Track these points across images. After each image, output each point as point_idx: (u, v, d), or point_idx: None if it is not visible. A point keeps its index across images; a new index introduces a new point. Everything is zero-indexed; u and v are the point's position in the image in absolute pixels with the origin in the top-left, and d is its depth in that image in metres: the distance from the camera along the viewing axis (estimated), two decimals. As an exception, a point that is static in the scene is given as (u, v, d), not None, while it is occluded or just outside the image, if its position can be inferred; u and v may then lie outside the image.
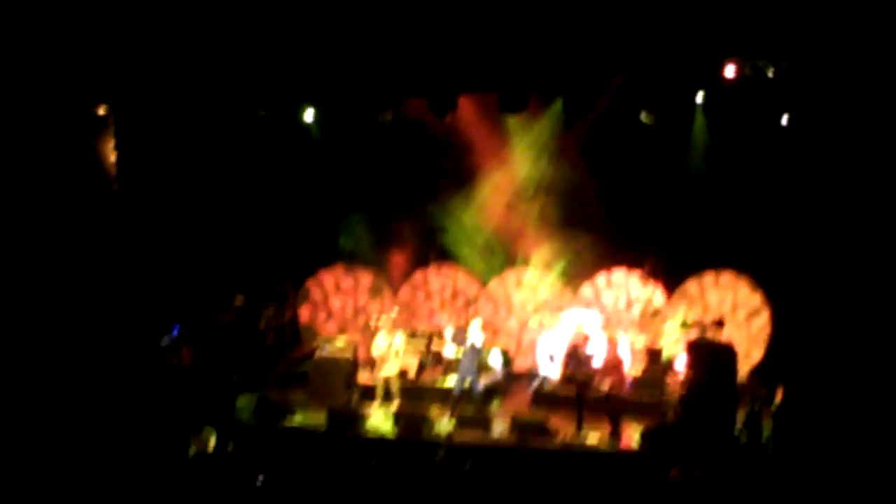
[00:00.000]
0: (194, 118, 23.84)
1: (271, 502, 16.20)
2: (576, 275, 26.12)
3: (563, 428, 21.15)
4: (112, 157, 22.81)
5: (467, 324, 24.38)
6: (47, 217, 21.26)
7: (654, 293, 25.24)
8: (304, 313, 27.62)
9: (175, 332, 24.01)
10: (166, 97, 22.38)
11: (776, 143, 22.65)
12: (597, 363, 22.35)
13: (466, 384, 22.28)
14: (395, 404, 22.99)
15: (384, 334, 23.39)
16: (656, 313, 24.38)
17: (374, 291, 27.25)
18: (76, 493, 16.57)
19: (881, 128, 19.50)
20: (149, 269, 23.69)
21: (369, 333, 24.52)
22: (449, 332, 22.94)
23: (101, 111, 22.62)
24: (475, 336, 22.29)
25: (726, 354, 20.16)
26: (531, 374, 24.70)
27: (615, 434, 20.58)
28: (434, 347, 25.09)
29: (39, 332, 20.75)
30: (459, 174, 26.49)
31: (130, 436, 19.32)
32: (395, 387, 23.26)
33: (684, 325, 23.13)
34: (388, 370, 23.21)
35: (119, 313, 22.56)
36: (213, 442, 19.14)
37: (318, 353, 24.23)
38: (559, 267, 26.07)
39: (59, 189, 21.51)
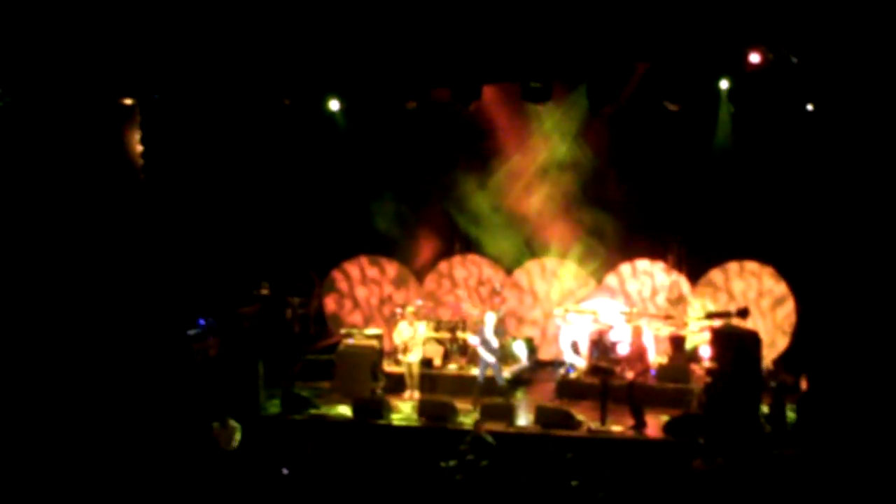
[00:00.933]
0: (220, 108, 23.89)
1: (297, 493, 16.24)
2: (601, 264, 26.11)
3: (587, 417, 21.15)
4: (138, 148, 22.84)
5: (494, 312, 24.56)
6: (75, 208, 21.33)
7: (679, 282, 25.17)
8: (330, 303, 27.71)
9: (201, 324, 24.13)
10: (192, 88, 22.43)
11: (801, 131, 22.56)
12: (621, 352, 22.35)
13: (489, 373, 22.36)
14: (416, 393, 23.08)
15: (407, 323, 23.47)
16: (681, 302, 24.33)
17: (400, 281, 27.31)
18: (103, 483, 16.65)
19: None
20: (175, 260, 23.75)
21: (394, 323, 24.59)
22: (490, 322, 22.84)
23: (128, 102, 22.66)
24: (489, 330, 22.33)
25: (751, 343, 20.08)
26: (556, 364, 24.75)
27: (639, 423, 20.57)
28: (459, 336, 25.07)
29: (67, 323, 20.85)
30: (484, 163, 26.53)
31: (157, 427, 19.41)
32: (416, 375, 23.35)
33: (709, 313, 23.07)
34: (411, 358, 23.32)
35: (146, 305, 22.61)
36: (238, 434, 19.26)
37: (344, 343, 24.27)
38: (584, 256, 26.05)
39: (86, 180, 21.57)
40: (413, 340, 23.39)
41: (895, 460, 17.15)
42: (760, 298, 24.89)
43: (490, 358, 22.36)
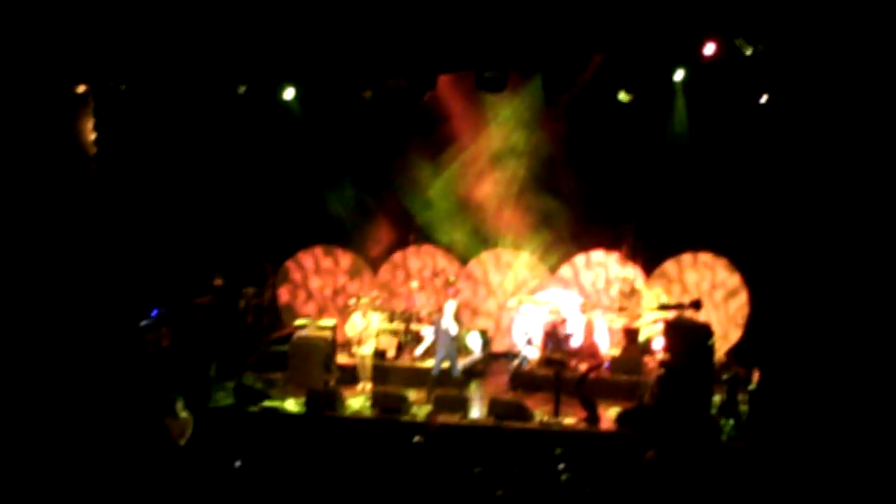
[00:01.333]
0: (174, 97, 23.73)
1: (249, 485, 16.16)
2: (555, 255, 26.13)
3: (540, 409, 21.16)
4: (91, 136, 22.68)
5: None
6: (26, 197, 21.16)
7: (633, 273, 25.21)
8: (284, 294, 27.63)
9: (154, 314, 23.98)
10: (146, 75, 22.26)
11: (755, 123, 22.65)
12: (575, 344, 22.37)
13: (445, 365, 22.35)
14: (368, 385, 23.03)
15: (360, 314, 23.42)
16: (634, 293, 24.37)
17: (354, 272, 27.26)
18: (52, 475, 16.52)
19: (860, 108, 19.52)
20: (128, 250, 23.60)
21: (348, 314, 24.54)
22: (450, 310, 22.77)
23: (81, 90, 22.48)
24: (448, 319, 22.30)
25: (704, 335, 20.15)
26: (510, 356, 24.76)
27: (592, 415, 20.59)
28: (413, 328, 25.04)
29: (15, 314, 20.68)
30: (439, 153, 26.48)
31: (109, 419, 19.28)
32: (369, 367, 23.30)
33: (662, 305, 23.12)
34: (364, 350, 23.26)
35: (98, 295, 22.46)
36: (190, 426, 19.14)
37: (298, 334, 24.19)
38: (538, 248, 26.07)
39: (37, 168, 21.40)
40: (366, 332, 23.33)
41: (845, 452, 17.26)
42: (714, 290, 25.00)
43: (447, 349, 22.31)
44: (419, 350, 23.38)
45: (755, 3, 18.91)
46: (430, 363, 23.16)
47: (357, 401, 22.33)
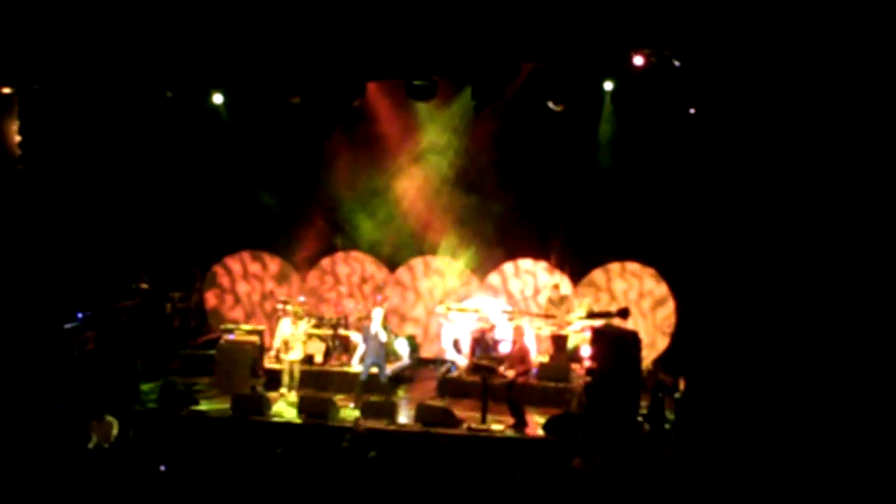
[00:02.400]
0: (101, 99, 23.54)
1: (175, 490, 16.05)
2: (483, 263, 26.20)
3: (468, 415, 21.19)
4: (16, 138, 22.45)
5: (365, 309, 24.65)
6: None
7: (561, 282, 25.31)
8: (211, 298, 27.48)
9: (79, 317, 23.77)
10: (72, 78, 22.06)
11: (684, 134, 22.81)
12: (503, 350, 22.43)
13: (373, 371, 22.32)
14: (293, 392, 22.93)
15: (290, 321, 23.34)
16: (563, 301, 24.48)
17: (282, 277, 27.17)
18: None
19: (789, 118, 19.70)
20: (53, 253, 23.38)
21: (276, 319, 24.47)
22: (378, 317, 22.69)
23: (6, 91, 22.25)
24: (377, 325, 22.27)
25: (631, 343, 20.27)
26: (438, 362, 24.80)
27: (519, 421, 20.65)
28: (341, 333, 24.98)
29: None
30: (369, 160, 26.50)
31: (31, 423, 19.10)
32: (297, 372, 23.21)
33: (590, 313, 23.24)
34: (293, 355, 23.16)
35: (22, 298, 22.24)
36: (115, 429, 18.97)
37: (225, 339, 24.07)
38: (466, 255, 26.13)
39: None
40: (294, 337, 23.24)
41: (770, 461, 17.41)
42: (641, 299, 25.17)
43: (375, 355, 22.28)
44: (355, 359, 23.27)
45: (685, 15, 19.04)
46: (358, 369, 23.13)
47: (284, 405, 22.26)
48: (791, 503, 16.31)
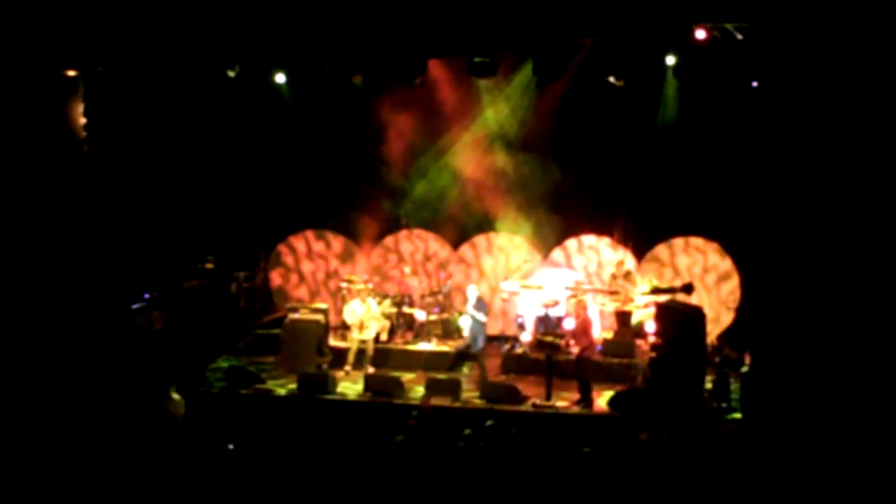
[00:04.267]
0: (164, 81, 23.70)
1: (242, 468, 16.17)
2: (545, 239, 26.14)
3: (533, 392, 21.20)
4: (82, 120, 22.65)
5: (439, 287, 24.62)
6: (16, 181, 21.15)
7: (625, 257, 25.24)
8: (276, 277, 27.60)
9: (146, 298, 23.99)
10: (136, 59, 22.22)
11: (746, 107, 22.67)
12: (567, 327, 22.40)
13: (478, 346, 22.25)
14: (367, 368, 23.01)
15: (359, 301, 23.41)
16: (627, 276, 24.40)
17: (346, 256, 27.22)
18: (47, 458, 16.52)
19: (852, 91, 19.52)
20: (119, 234, 23.60)
21: (340, 298, 24.55)
22: (473, 295, 22.72)
23: (71, 74, 22.44)
24: (471, 305, 22.19)
25: (695, 318, 20.22)
26: (502, 339, 24.81)
27: (585, 397, 20.63)
28: (405, 311, 25.05)
29: (9, 299, 20.68)
30: (431, 137, 26.52)
31: (101, 402, 19.28)
32: (370, 350, 23.29)
33: (654, 289, 23.15)
34: (366, 334, 23.23)
35: (90, 279, 22.46)
36: (182, 408, 19.15)
37: (290, 318, 24.20)
38: (531, 231, 26.07)
39: (28, 153, 21.40)
40: (367, 316, 23.28)
41: (837, 434, 17.32)
42: (705, 274, 25.02)
43: (476, 331, 22.25)
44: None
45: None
46: (421, 346, 23.22)
47: (350, 384, 22.38)
48: (856, 478, 16.16)
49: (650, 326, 21.93)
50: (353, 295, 23.94)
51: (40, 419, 18.22)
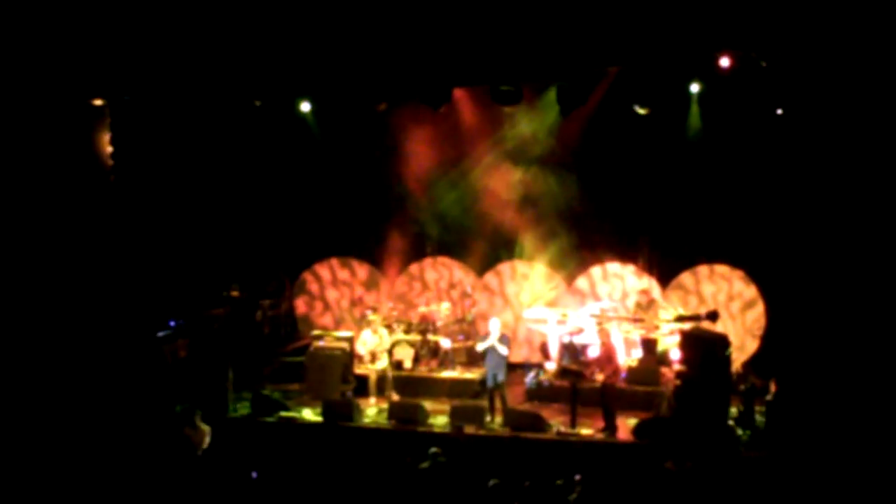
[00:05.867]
0: (190, 109, 23.82)
1: (267, 496, 16.19)
2: (569, 266, 26.14)
3: (557, 419, 21.17)
4: (108, 149, 22.77)
5: (464, 314, 24.62)
6: (43, 209, 21.26)
7: (649, 285, 25.22)
8: (301, 305, 27.69)
9: (172, 325, 24.05)
10: (162, 89, 22.34)
11: (771, 135, 22.66)
12: (591, 354, 22.38)
13: (499, 379, 22.08)
14: (390, 396, 23.02)
15: (371, 332, 23.53)
16: (651, 305, 24.38)
17: (370, 283, 27.29)
18: (71, 486, 16.58)
19: (876, 120, 19.50)
20: (145, 262, 23.69)
21: (365, 325, 24.61)
22: (495, 328, 22.64)
23: (98, 103, 22.58)
24: (494, 338, 22.11)
25: (720, 346, 20.18)
26: (526, 366, 24.78)
27: (609, 425, 20.59)
28: (430, 338, 25.06)
29: (36, 326, 20.77)
30: (455, 164, 26.56)
31: (126, 430, 19.34)
32: (389, 378, 23.36)
33: (679, 316, 23.12)
34: (378, 365, 23.37)
35: (116, 307, 22.55)
36: (208, 436, 19.16)
37: (315, 345, 24.23)
38: (555, 259, 26.08)
39: (55, 181, 21.50)
40: (380, 347, 23.35)
41: (863, 462, 17.25)
42: (730, 301, 24.99)
43: (496, 363, 22.01)
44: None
45: (770, 16, 18.91)
46: (446, 374, 23.30)
47: (374, 410, 22.40)
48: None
49: (675, 354, 21.89)
50: (369, 324, 23.97)
51: (66, 446, 18.30)
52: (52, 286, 21.27)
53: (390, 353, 23.86)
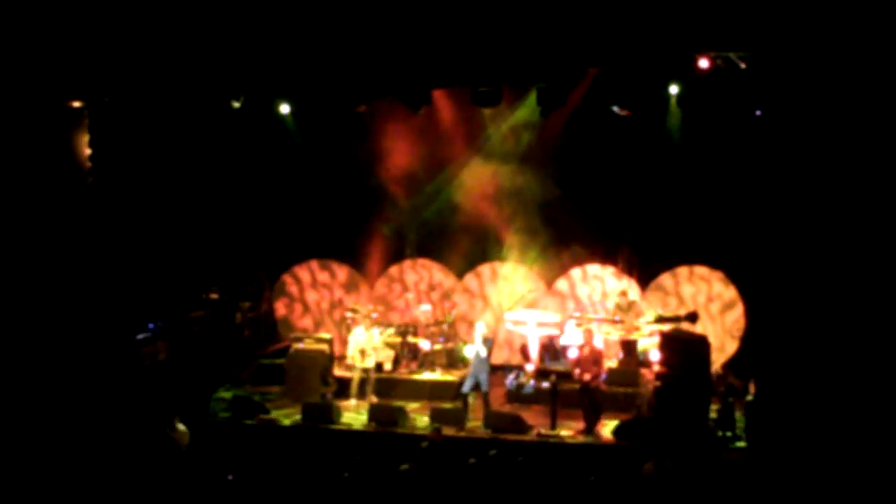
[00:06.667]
0: (169, 111, 23.77)
1: (246, 498, 16.15)
2: (551, 268, 26.13)
3: (537, 421, 21.16)
4: (87, 151, 22.71)
5: (443, 315, 24.59)
6: (21, 211, 21.18)
7: (629, 287, 25.21)
8: (280, 307, 27.61)
9: (151, 328, 23.99)
10: (141, 90, 22.29)
11: (750, 136, 22.71)
12: (571, 356, 22.38)
13: (478, 383, 21.99)
14: (370, 398, 22.99)
15: (363, 329, 23.42)
16: (630, 307, 24.38)
17: (350, 285, 27.24)
18: (52, 488, 16.52)
19: (856, 119, 19.57)
20: (124, 264, 23.62)
21: (345, 327, 24.54)
22: (480, 331, 22.64)
23: (76, 105, 22.51)
24: (478, 342, 22.06)
25: (700, 347, 20.23)
26: (506, 368, 24.76)
27: (590, 427, 20.60)
28: (410, 340, 25.05)
29: (14, 329, 20.69)
30: (435, 166, 26.55)
31: (106, 432, 19.27)
32: (372, 379, 23.29)
33: (659, 318, 23.14)
34: (367, 363, 23.23)
35: (94, 309, 22.48)
36: (187, 438, 19.13)
37: (294, 348, 24.18)
38: (534, 260, 26.08)
39: (33, 183, 21.43)
40: (369, 345, 23.29)
41: (842, 462, 17.29)
42: (710, 303, 25.00)
43: (480, 367, 21.91)
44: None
45: (749, 17, 18.96)
46: (426, 376, 23.28)
47: (354, 412, 22.36)
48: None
49: (655, 355, 21.92)
50: (359, 322, 23.93)
51: (45, 449, 18.23)
52: (30, 289, 21.19)
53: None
